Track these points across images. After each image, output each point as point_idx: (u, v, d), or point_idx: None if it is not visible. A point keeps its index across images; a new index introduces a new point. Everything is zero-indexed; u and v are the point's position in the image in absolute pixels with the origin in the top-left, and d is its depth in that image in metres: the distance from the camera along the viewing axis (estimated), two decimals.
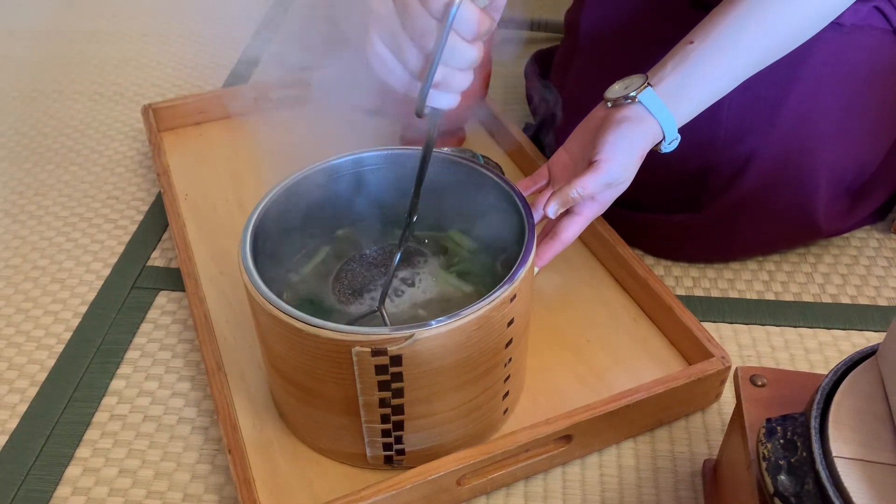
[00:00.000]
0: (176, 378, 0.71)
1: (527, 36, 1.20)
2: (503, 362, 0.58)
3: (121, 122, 1.04)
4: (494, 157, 0.88)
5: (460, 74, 0.48)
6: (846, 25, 0.70)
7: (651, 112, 0.60)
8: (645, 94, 0.60)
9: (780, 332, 0.74)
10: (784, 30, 0.60)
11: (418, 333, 0.51)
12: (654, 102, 0.60)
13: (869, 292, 0.78)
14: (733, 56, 0.60)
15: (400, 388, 0.54)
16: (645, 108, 0.60)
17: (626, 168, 0.60)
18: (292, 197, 0.63)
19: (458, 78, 0.48)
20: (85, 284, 0.80)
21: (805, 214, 0.75)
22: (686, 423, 0.66)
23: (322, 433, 0.61)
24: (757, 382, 0.52)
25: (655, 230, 0.79)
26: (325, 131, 0.96)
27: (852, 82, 0.72)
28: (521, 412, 0.65)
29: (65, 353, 0.73)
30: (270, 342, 0.57)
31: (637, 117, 0.60)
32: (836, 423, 0.43)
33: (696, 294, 0.78)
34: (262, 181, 0.65)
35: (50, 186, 0.93)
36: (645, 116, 0.60)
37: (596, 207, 0.62)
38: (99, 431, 0.67)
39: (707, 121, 0.71)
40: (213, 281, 0.77)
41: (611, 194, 0.61)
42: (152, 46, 1.20)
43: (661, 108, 0.60)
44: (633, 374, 0.68)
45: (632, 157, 0.60)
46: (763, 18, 0.59)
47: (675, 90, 0.60)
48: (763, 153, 0.71)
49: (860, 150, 0.76)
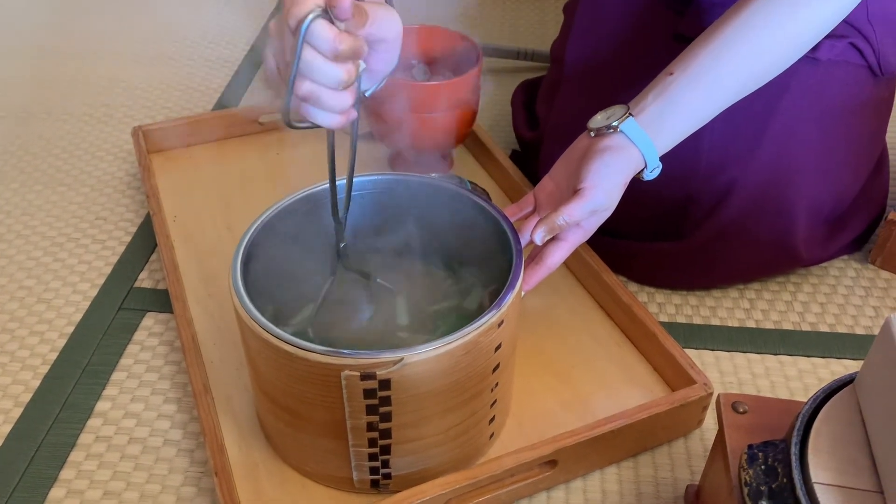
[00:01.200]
0: (162, 400, 0.71)
1: (514, 65, 1.22)
2: (490, 387, 0.59)
3: (110, 144, 1.04)
4: (482, 183, 0.89)
5: (328, 92, 0.49)
6: (823, 61, 0.72)
7: (633, 141, 0.61)
8: (626, 124, 0.61)
9: (760, 360, 0.75)
10: (760, 61, 0.62)
11: (407, 358, 0.52)
12: (636, 132, 0.61)
13: (847, 321, 0.79)
14: (711, 86, 0.62)
15: (388, 412, 0.55)
16: (627, 137, 0.61)
17: (610, 195, 0.61)
18: (282, 221, 0.63)
19: (325, 95, 0.49)
20: (72, 305, 0.80)
21: (784, 243, 0.76)
22: (669, 449, 0.67)
23: (309, 456, 0.61)
24: (739, 409, 0.53)
25: (639, 258, 0.81)
26: (315, 155, 0.97)
27: (829, 115, 0.74)
28: (507, 437, 0.66)
29: (50, 374, 0.73)
30: (259, 365, 0.57)
31: (619, 146, 0.61)
32: (815, 450, 0.44)
33: (678, 321, 0.79)
34: (251, 204, 0.66)
35: (38, 207, 0.93)
36: (627, 145, 0.61)
37: (581, 234, 0.63)
38: (84, 453, 0.66)
39: (688, 152, 0.73)
40: (200, 303, 0.77)
41: (595, 221, 0.63)
42: (143, 68, 1.21)
43: (643, 137, 0.61)
44: (617, 399, 0.69)
45: (615, 185, 0.61)
46: (740, 50, 0.61)
47: (655, 120, 0.62)
48: (743, 184, 0.73)
49: (838, 182, 0.78)
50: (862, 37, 0.73)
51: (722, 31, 0.62)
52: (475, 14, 1.37)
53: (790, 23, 0.61)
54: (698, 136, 0.68)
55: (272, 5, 1.39)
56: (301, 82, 0.48)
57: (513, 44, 1.23)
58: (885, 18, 0.73)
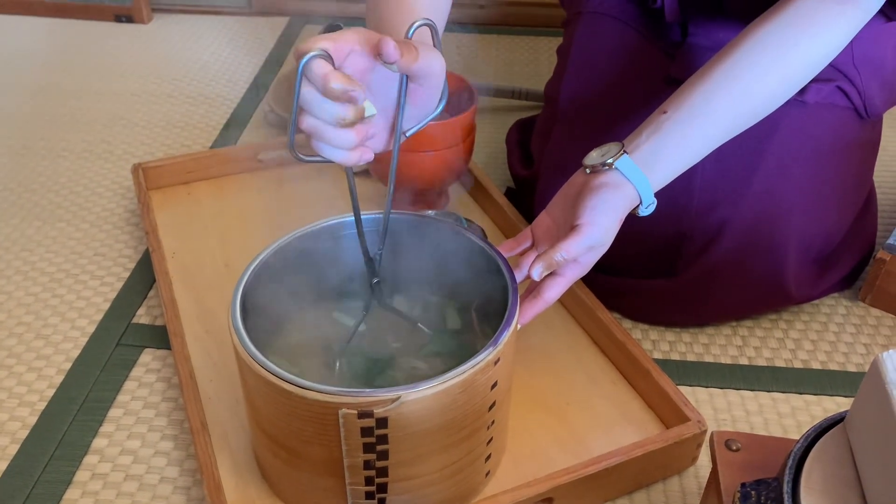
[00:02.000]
0: (159, 437, 0.71)
1: (509, 104, 1.24)
2: (486, 425, 0.59)
3: (109, 180, 1.05)
4: (477, 221, 0.90)
5: (329, 128, 0.51)
6: (810, 104, 0.74)
7: (628, 178, 0.63)
8: (622, 161, 0.63)
9: (754, 397, 0.76)
10: (751, 100, 0.64)
11: (404, 396, 0.52)
12: (631, 169, 0.63)
13: (839, 358, 0.80)
14: (704, 124, 0.64)
15: (385, 451, 0.55)
16: (622, 174, 0.63)
17: (606, 231, 0.62)
18: (281, 258, 0.64)
19: (327, 131, 0.52)
20: (70, 341, 0.81)
21: (775, 281, 0.77)
22: (664, 486, 0.67)
23: (305, 495, 0.61)
24: (732, 447, 0.54)
25: (632, 295, 0.82)
26: (314, 192, 0.99)
27: (818, 156, 0.76)
28: (503, 475, 0.66)
29: (47, 411, 0.73)
30: (256, 402, 0.58)
31: (615, 183, 0.63)
32: (807, 488, 0.45)
33: (672, 358, 0.80)
34: (250, 241, 0.67)
35: (37, 242, 0.94)
36: (622, 182, 0.63)
37: (578, 269, 0.64)
38: (80, 490, 0.66)
39: (681, 190, 0.74)
40: (198, 340, 0.78)
41: (592, 256, 0.64)
42: (143, 105, 1.23)
43: (638, 174, 0.63)
44: (611, 437, 0.69)
45: (612, 221, 0.62)
46: (732, 89, 0.63)
47: (649, 157, 0.63)
48: (734, 222, 0.74)
49: (827, 221, 0.79)
50: (848, 80, 0.75)
51: (713, 71, 0.64)
52: (470, 54, 1.40)
53: (779, 64, 0.63)
54: (690, 175, 0.70)
55: (271, 44, 1.41)
56: (302, 117, 0.51)
57: (507, 83, 1.25)
58: (870, 62, 0.75)
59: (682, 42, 0.78)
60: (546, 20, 1.48)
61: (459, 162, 0.89)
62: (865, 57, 0.75)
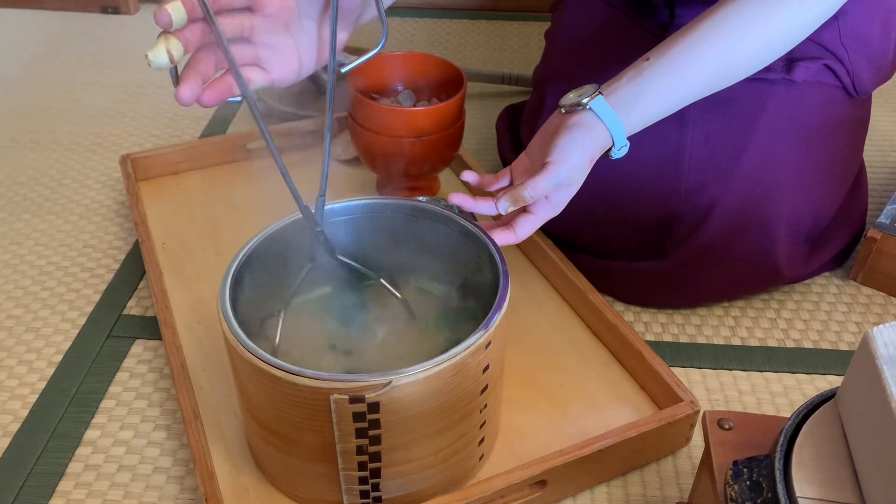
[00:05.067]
0: (152, 427, 0.71)
1: (498, 90, 1.23)
2: (479, 408, 0.59)
3: (98, 172, 1.05)
4: None
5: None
6: (799, 82, 0.74)
7: (601, 119, 0.63)
8: (596, 103, 0.63)
9: (746, 377, 0.76)
10: (734, 56, 0.64)
11: (396, 380, 0.52)
12: (605, 110, 0.63)
13: (830, 337, 0.80)
14: (685, 74, 0.64)
15: (377, 436, 0.55)
16: (595, 115, 0.63)
17: (575, 170, 0.63)
18: (271, 246, 0.64)
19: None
20: (60, 333, 0.80)
21: (766, 261, 0.77)
22: (657, 467, 0.68)
23: (299, 481, 0.61)
24: (724, 426, 0.54)
25: (624, 277, 0.82)
26: (303, 181, 0.98)
27: (806, 135, 0.76)
28: (497, 458, 0.66)
29: (38, 403, 0.73)
30: (248, 390, 0.58)
31: (587, 124, 0.63)
32: (798, 465, 0.45)
33: (664, 339, 0.80)
34: (240, 230, 0.66)
35: (26, 235, 0.93)
36: (595, 123, 0.63)
37: (550, 208, 0.65)
38: (73, 482, 0.66)
39: (670, 172, 0.74)
40: (189, 329, 0.77)
41: (563, 195, 0.64)
42: (130, 96, 1.22)
43: (611, 115, 0.63)
44: (605, 418, 0.69)
45: (581, 160, 0.63)
46: (716, 43, 0.63)
47: (626, 100, 0.63)
48: (723, 202, 0.74)
49: (817, 200, 0.79)
50: (836, 58, 0.75)
51: (700, 25, 0.64)
52: (460, 40, 1.39)
53: (762, 26, 0.63)
54: (678, 156, 0.69)
55: None
56: None
57: (497, 69, 1.25)
58: (858, 40, 0.75)
59: (669, 23, 0.78)
60: (536, 4, 1.47)
61: (449, 148, 0.89)
62: (852, 34, 0.75)
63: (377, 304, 0.68)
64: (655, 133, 0.73)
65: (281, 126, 1.02)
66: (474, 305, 0.66)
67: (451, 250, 0.66)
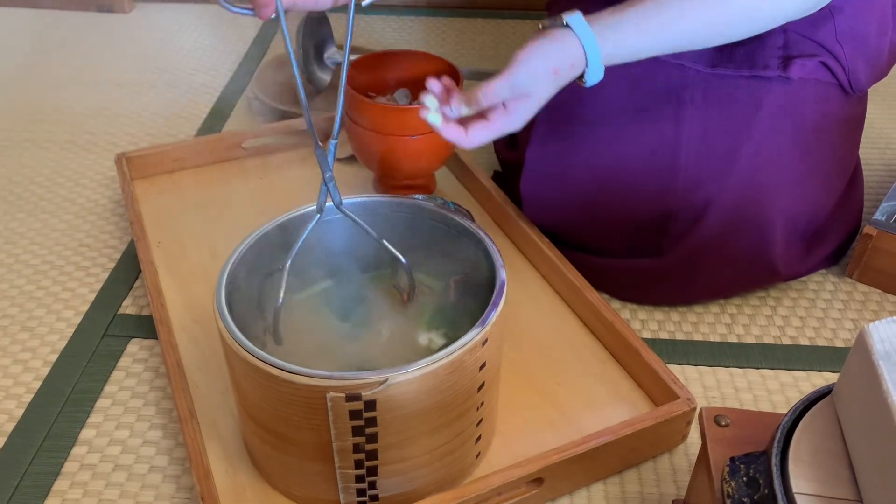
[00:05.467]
0: (147, 426, 0.70)
1: None
2: (475, 406, 0.59)
3: (93, 171, 1.04)
4: (464, 204, 0.90)
5: None
6: (794, 79, 0.74)
7: (576, 33, 0.62)
8: (573, 18, 0.62)
9: (743, 374, 0.76)
10: (725, 12, 0.63)
11: (392, 378, 0.52)
12: (581, 25, 0.62)
13: (826, 334, 0.80)
14: (671, 18, 0.63)
15: (374, 434, 0.55)
16: (571, 29, 0.62)
17: (533, 77, 0.61)
18: (266, 244, 0.64)
19: None
20: (56, 332, 0.80)
21: (763, 258, 0.77)
22: (654, 465, 0.68)
23: (296, 480, 0.61)
24: (721, 423, 0.54)
25: (620, 275, 0.82)
26: (298, 179, 0.98)
27: (802, 132, 0.76)
28: (494, 456, 0.66)
29: (34, 403, 0.73)
30: (244, 388, 0.58)
31: (559, 36, 0.62)
32: (795, 461, 0.45)
33: (661, 337, 0.80)
34: (235, 229, 0.66)
35: (21, 235, 0.93)
36: (567, 36, 0.62)
37: (505, 118, 0.63)
38: (68, 481, 0.66)
39: (666, 168, 0.74)
40: (185, 328, 0.77)
41: (521, 107, 0.63)
42: (126, 96, 1.21)
43: (587, 31, 0.62)
44: (602, 416, 0.69)
45: (543, 68, 0.62)
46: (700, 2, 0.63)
47: (606, 23, 0.63)
48: (719, 200, 0.74)
49: (813, 197, 0.79)
50: (831, 55, 0.75)
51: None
52: (456, 38, 1.39)
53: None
54: (675, 153, 0.69)
55: (254, 31, 1.40)
56: None
57: (494, 66, 1.24)
58: (853, 38, 0.75)
59: None
60: (533, 3, 1.47)
61: (445, 146, 0.89)
62: (848, 32, 0.75)
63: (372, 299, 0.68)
64: (651, 129, 0.73)
65: (278, 124, 1.02)
66: (471, 303, 0.66)
67: (447, 248, 0.66)
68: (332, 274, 0.69)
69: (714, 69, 0.74)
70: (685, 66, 0.74)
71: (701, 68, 0.74)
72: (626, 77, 0.76)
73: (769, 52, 0.74)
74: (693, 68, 0.74)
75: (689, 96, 0.74)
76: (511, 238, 0.89)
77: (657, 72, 0.75)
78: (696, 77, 0.74)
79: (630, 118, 0.75)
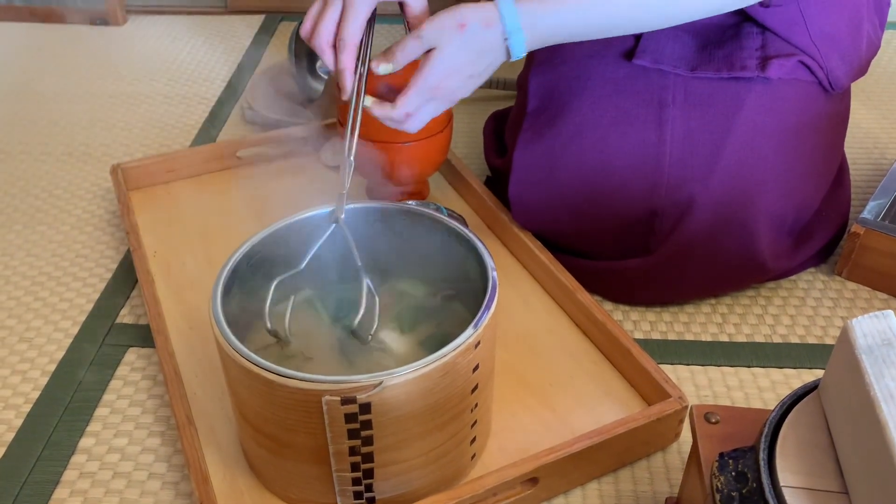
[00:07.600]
0: (146, 434, 0.71)
1: (487, 94, 1.24)
2: (469, 408, 0.60)
3: (89, 182, 1.05)
4: (457, 209, 0.91)
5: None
6: (774, 80, 0.75)
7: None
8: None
9: (734, 373, 0.77)
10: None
11: (387, 381, 0.53)
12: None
13: (816, 332, 0.81)
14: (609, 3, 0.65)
15: (369, 436, 0.56)
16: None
17: (438, 29, 0.64)
18: (261, 251, 0.65)
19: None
20: (53, 343, 0.81)
21: (750, 256, 0.78)
22: (648, 463, 0.68)
23: (293, 483, 0.61)
24: (711, 419, 0.55)
25: (610, 276, 0.83)
26: (293, 188, 0.99)
27: (785, 131, 0.77)
28: (488, 457, 0.67)
29: (32, 413, 0.73)
30: (241, 394, 0.58)
31: (477, 4, 0.65)
32: (783, 455, 0.46)
33: (653, 337, 0.81)
34: (231, 237, 0.67)
35: (17, 247, 0.94)
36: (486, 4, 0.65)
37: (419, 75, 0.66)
38: (68, 490, 0.66)
39: (650, 167, 0.75)
40: (182, 336, 0.78)
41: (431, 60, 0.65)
42: (120, 107, 1.22)
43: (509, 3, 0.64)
44: (595, 416, 0.70)
45: (450, 22, 0.64)
46: None
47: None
48: (704, 198, 0.75)
49: (798, 194, 0.80)
50: (809, 56, 0.76)
51: None
52: None
53: None
54: (659, 152, 0.70)
55: (247, 42, 1.41)
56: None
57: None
58: (826, 37, 0.77)
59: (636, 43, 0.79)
60: None
61: (438, 152, 0.90)
62: (821, 33, 0.77)
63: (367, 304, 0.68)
64: (635, 131, 0.74)
65: (272, 133, 1.03)
66: (464, 306, 0.67)
67: (440, 252, 0.67)
68: (328, 278, 0.69)
69: (694, 72, 0.75)
70: (666, 72, 0.76)
71: (682, 72, 0.75)
72: (608, 82, 0.77)
73: (747, 53, 0.75)
74: (673, 73, 0.76)
75: (671, 97, 0.75)
76: (503, 242, 0.90)
77: (638, 77, 0.76)
78: (677, 80, 0.76)
79: (613, 121, 0.76)
